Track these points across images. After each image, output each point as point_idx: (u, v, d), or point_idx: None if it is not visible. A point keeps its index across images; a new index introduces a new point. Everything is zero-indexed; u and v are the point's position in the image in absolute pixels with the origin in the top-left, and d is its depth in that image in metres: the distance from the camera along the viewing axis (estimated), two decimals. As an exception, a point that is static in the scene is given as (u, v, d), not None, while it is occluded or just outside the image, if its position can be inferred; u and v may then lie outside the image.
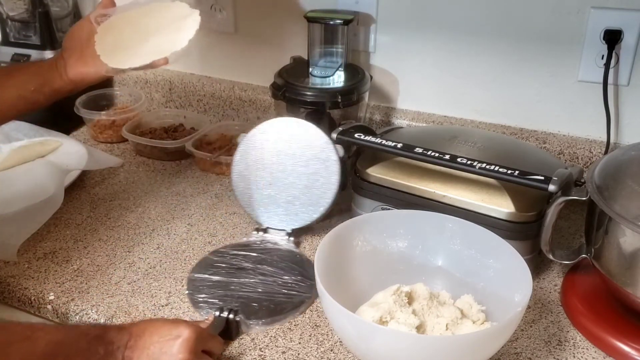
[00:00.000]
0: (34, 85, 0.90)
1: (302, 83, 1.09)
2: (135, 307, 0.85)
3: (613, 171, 0.78)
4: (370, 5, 1.17)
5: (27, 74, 0.91)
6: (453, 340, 0.70)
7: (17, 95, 0.89)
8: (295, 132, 0.97)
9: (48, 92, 0.90)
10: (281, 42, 1.29)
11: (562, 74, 1.08)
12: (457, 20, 1.12)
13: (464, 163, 0.86)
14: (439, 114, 1.21)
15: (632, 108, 1.06)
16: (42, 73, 0.90)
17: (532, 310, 0.85)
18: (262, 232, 0.99)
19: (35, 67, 0.92)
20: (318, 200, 0.96)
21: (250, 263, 0.92)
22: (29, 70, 0.92)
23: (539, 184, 0.81)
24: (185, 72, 1.43)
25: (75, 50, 0.90)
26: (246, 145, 1.00)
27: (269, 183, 0.98)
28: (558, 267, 0.93)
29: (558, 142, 1.10)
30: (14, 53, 1.32)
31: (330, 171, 0.95)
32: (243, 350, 0.78)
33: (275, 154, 0.98)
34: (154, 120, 1.34)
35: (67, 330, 0.71)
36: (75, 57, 0.90)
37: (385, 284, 0.81)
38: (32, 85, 0.90)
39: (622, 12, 1.00)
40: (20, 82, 0.90)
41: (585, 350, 0.79)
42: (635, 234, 0.70)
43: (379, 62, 1.22)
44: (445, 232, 0.84)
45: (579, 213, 1.02)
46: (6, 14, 1.32)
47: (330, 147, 0.95)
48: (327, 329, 0.82)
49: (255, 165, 0.99)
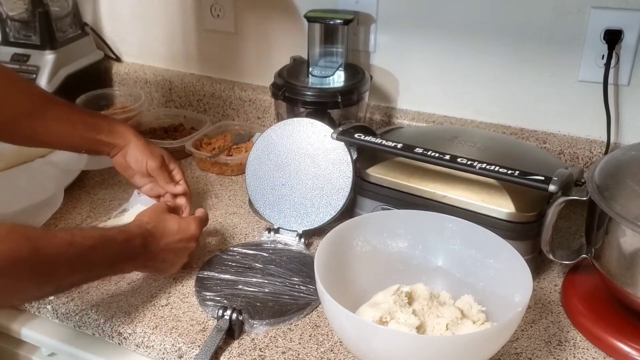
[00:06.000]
0: (85, 148, 0.98)
1: (302, 83, 1.09)
2: (135, 307, 0.85)
3: (613, 171, 0.78)
4: (370, 5, 1.17)
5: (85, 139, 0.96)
6: (453, 341, 0.70)
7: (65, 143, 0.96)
8: (310, 133, 0.98)
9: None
10: (281, 42, 1.29)
11: (563, 74, 1.08)
12: (457, 20, 1.12)
13: (464, 163, 0.86)
14: (439, 114, 1.21)
15: (632, 108, 1.05)
16: (97, 147, 0.97)
17: (532, 311, 0.85)
18: (273, 232, 0.99)
19: (93, 133, 0.96)
20: (330, 202, 0.96)
21: (259, 263, 0.92)
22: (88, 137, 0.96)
23: (539, 184, 0.81)
24: (185, 72, 1.44)
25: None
26: (261, 145, 1.00)
27: (282, 184, 0.99)
28: (558, 267, 0.93)
29: (558, 142, 1.10)
30: (13, 53, 1.32)
31: (344, 173, 0.96)
32: (243, 350, 0.78)
33: (290, 155, 0.99)
34: (154, 120, 1.34)
35: (100, 234, 0.77)
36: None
37: (386, 284, 0.81)
38: (83, 148, 0.98)
39: (623, 12, 1.00)
40: (77, 135, 0.95)
41: (586, 350, 0.79)
42: (635, 234, 0.70)
43: (379, 62, 1.22)
44: (446, 232, 0.84)
45: (579, 213, 1.02)
46: (6, 14, 1.32)
47: (344, 149, 0.96)
48: (327, 329, 0.82)
49: (269, 166, 1.00)
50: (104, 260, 0.76)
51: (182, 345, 0.79)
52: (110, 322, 0.84)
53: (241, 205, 1.09)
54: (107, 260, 0.76)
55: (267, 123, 1.31)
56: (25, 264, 0.64)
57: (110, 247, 0.76)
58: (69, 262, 0.70)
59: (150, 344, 0.82)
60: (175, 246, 0.86)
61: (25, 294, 0.70)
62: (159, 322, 0.83)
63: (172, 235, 0.85)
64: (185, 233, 0.87)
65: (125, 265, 0.80)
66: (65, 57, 1.34)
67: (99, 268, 0.76)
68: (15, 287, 0.66)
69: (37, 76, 1.28)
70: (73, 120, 0.94)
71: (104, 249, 0.75)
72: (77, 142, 0.96)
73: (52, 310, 0.88)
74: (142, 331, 0.82)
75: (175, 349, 0.80)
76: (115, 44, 1.50)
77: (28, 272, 0.65)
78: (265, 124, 1.32)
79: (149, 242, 0.82)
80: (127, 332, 0.83)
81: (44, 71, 1.29)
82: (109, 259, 0.76)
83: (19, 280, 0.65)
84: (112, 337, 0.84)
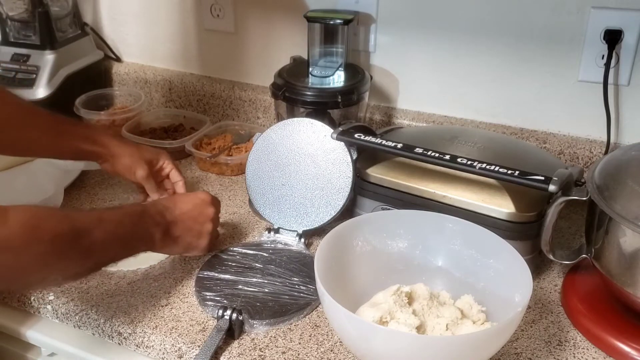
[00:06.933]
0: (69, 156, 1.00)
1: (302, 83, 1.09)
2: (135, 307, 0.85)
3: (613, 171, 0.78)
4: (370, 5, 1.17)
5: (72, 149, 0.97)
6: (453, 341, 0.70)
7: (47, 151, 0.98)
8: (310, 133, 0.98)
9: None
10: (281, 42, 1.29)
11: (563, 74, 1.08)
12: (457, 20, 1.12)
13: (464, 163, 0.86)
14: (439, 114, 1.21)
15: (632, 108, 1.05)
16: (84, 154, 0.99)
17: (532, 311, 0.85)
18: (273, 232, 0.99)
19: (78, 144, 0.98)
20: (330, 202, 0.96)
21: (259, 263, 0.92)
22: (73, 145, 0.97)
23: (539, 184, 0.81)
24: (185, 72, 1.43)
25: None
26: (261, 145, 1.00)
27: (282, 184, 0.99)
28: (558, 267, 0.93)
29: (558, 142, 1.10)
30: (13, 53, 1.32)
31: (344, 173, 0.96)
32: (243, 350, 0.78)
33: (290, 155, 0.99)
34: (154, 120, 1.34)
35: (119, 211, 0.81)
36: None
37: (385, 284, 0.81)
38: (68, 155, 0.99)
39: (623, 12, 1.00)
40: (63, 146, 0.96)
41: (586, 350, 0.79)
42: (635, 234, 0.70)
43: (379, 62, 1.22)
44: (446, 232, 0.84)
45: (579, 213, 1.02)
46: (6, 14, 1.31)
47: (344, 149, 0.96)
48: (327, 329, 0.82)
49: (269, 166, 1.00)
50: (134, 231, 0.80)
51: (182, 345, 0.79)
52: (110, 322, 0.84)
53: (241, 205, 1.09)
54: (136, 231, 0.80)
55: (267, 123, 1.31)
56: (67, 240, 0.69)
57: (133, 218, 0.80)
58: (103, 236, 0.73)
59: (150, 344, 0.82)
60: (192, 214, 0.88)
61: (69, 271, 0.73)
62: (159, 322, 0.83)
63: (186, 205, 0.88)
64: (200, 207, 0.90)
65: (153, 233, 0.82)
66: (65, 57, 1.34)
67: (130, 240, 0.80)
68: (60, 264, 0.70)
69: (37, 76, 1.28)
70: (54, 129, 0.95)
71: (130, 219, 0.79)
72: (59, 152, 0.97)
73: (52, 310, 0.88)
74: (142, 331, 0.82)
75: (175, 349, 0.80)
76: (115, 44, 1.50)
77: (70, 248, 0.69)
78: (265, 124, 1.32)
79: (164, 211, 0.85)
80: (127, 332, 0.83)
81: (44, 71, 1.29)
82: (139, 229, 0.80)
83: (63, 257, 0.69)
84: (112, 337, 0.84)
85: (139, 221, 0.80)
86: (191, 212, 0.88)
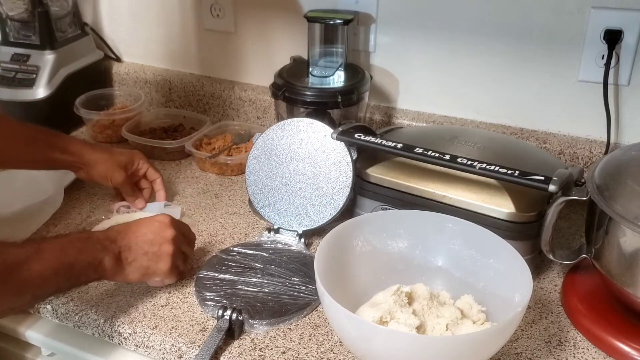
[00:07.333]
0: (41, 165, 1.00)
1: (302, 83, 1.09)
2: (135, 307, 0.85)
3: (613, 171, 0.78)
4: (370, 5, 1.17)
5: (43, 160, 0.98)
6: (453, 341, 0.70)
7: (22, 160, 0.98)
8: (310, 133, 0.98)
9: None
10: (281, 42, 1.29)
11: (562, 74, 1.08)
12: (457, 20, 1.12)
13: (464, 163, 0.86)
14: (439, 114, 1.21)
15: (632, 108, 1.05)
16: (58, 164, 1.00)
17: (532, 311, 0.85)
18: (273, 232, 0.99)
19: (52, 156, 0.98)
20: (330, 202, 0.96)
21: (259, 263, 0.92)
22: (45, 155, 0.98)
23: (539, 184, 0.81)
24: (185, 72, 1.43)
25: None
26: (261, 145, 1.00)
27: (282, 184, 0.99)
28: (558, 267, 0.93)
29: (558, 142, 1.10)
30: (13, 53, 1.31)
31: (344, 173, 0.96)
32: (243, 350, 0.78)
33: (290, 155, 0.99)
34: (154, 120, 1.34)
35: (61, 239, 0.76)
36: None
37: (385, 284, 0.81)
38: (40, 165, 1.00)
39: (623, 12, 1.00)
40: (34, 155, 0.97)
41: (586, 350, 0.79)
42: (635, 234, 0.70)
43: (379, 62, 1.22)
44: (446, 232, 0.84)
45: (579, 213, 1.02)
46: (6, 14, 1.31)
47: (344, 149, 0.96)
48: (327, 329, 0.82)
49: (269, 166, 1.00)
50: (78, 260, 0.75)
51: (182, 345, 0.79)
52: (110, 322, 0.84)
53: (241, 205, 1.09)
54: (81, 259, 0.75)
55: (267, 123, 1.31)
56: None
57: (77, 245, 0.76)
58: (40, 268, 0.70)
59: (150, 344, 0.82)
60: (147, 238, 0.82)
61: (5, 305, 0.70)
62: (159, 322, 0.83)
63: (141, 228, 0.83)
64: (157, 230, 0.84)
65: (101, 259, 0.77)
66: (65, 57, 1.34)
67: (75, 269, 0.75)
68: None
69: (37, 76, 1.28)
70: (23, 139, 0.94)
71: (74, 247, 0.75)
72: (32, 162, 0.97)
73: (52, 310, 0.88)
74: (142, 331, 0.82)
75: (175, 349, 0.80)
76: (115, 44, 1.50)
77: (1, 284, 0.66)
78: (265, 124, 1.32)
79: (115, 235, 0.80)
80: (127, 332, 0.83)
81: (44, 71, 1.29)
82: (84, 257, 0.75)
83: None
84: (112, 337, 0.84)
85: (84, 248, 0.76)
86: (146, 235, 0.82)
